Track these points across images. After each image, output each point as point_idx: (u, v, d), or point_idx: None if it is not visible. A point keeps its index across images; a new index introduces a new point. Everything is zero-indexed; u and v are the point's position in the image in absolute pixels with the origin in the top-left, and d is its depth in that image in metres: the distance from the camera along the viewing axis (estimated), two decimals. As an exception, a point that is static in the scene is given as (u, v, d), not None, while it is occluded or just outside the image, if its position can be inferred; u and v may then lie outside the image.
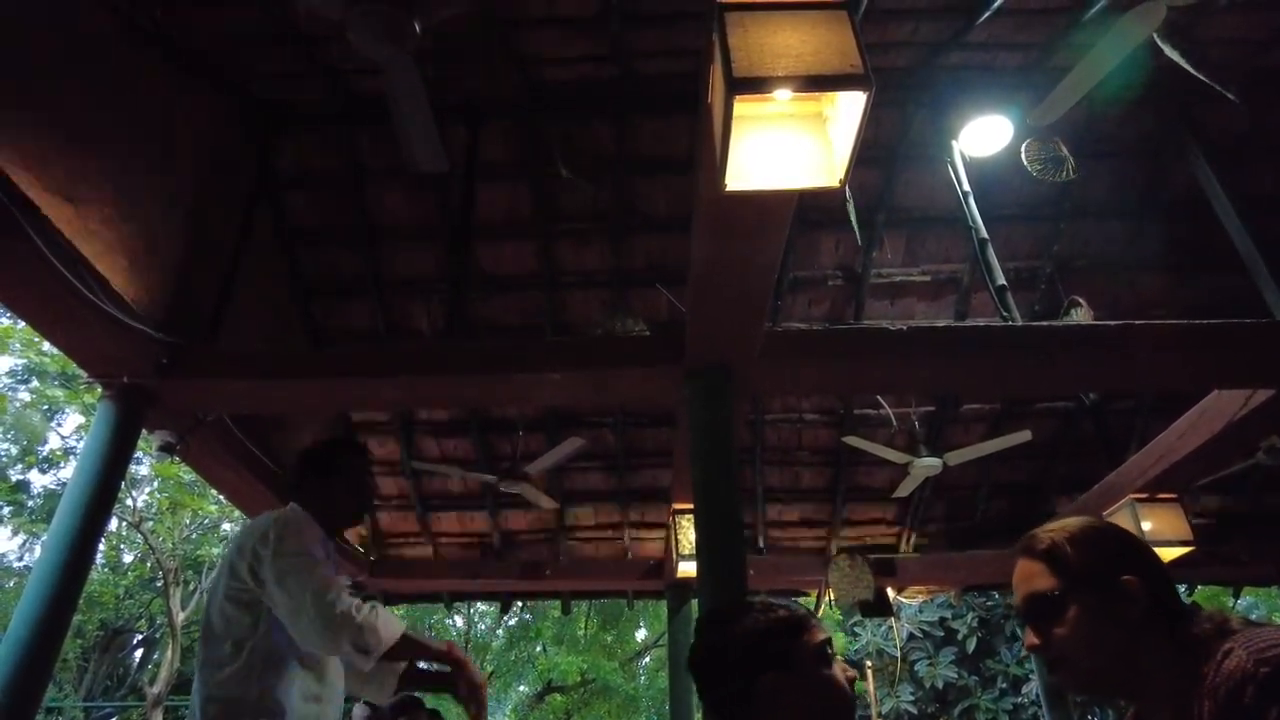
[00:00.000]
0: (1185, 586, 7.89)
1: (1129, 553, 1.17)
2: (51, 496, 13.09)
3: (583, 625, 16.04)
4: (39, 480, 13.65)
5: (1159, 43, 2.89)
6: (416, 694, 3.06)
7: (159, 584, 12.25)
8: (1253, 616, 14.94)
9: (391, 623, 1.93)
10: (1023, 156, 3.84)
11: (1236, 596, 7.04)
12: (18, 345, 11.32)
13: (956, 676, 13.82)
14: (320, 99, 3.93)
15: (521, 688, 17.47)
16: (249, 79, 3.78)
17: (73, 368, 9.90)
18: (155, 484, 12.14)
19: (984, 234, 3.93)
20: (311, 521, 2.08)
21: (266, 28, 3.39)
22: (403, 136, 3.21)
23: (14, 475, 13.18)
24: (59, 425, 13.57)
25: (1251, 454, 4.31)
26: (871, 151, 4.20)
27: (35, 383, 12.48)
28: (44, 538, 3.23)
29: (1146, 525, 4.20)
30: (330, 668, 2.06)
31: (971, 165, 4.10)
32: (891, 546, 6.12)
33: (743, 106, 1.72)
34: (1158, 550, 4.07)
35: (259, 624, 1.93)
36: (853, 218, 3.84)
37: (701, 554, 2.87)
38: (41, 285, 2.73)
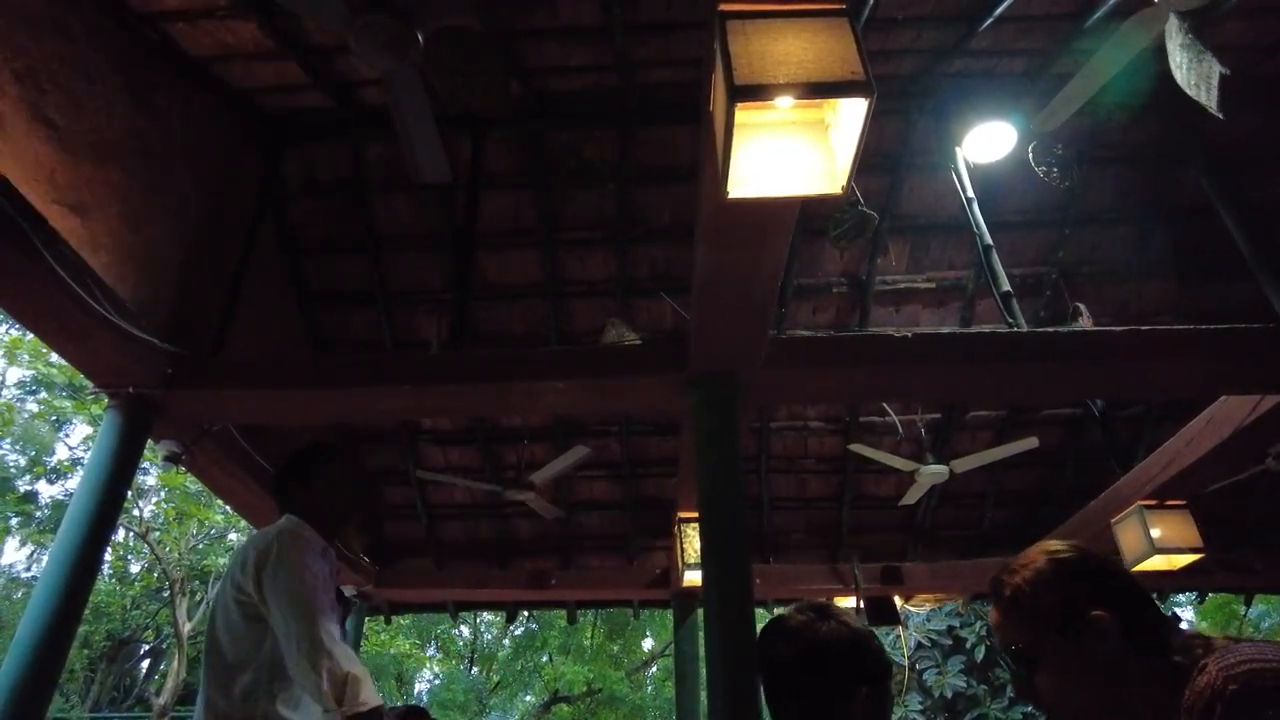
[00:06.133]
0: (1196, 595, 7.81)
1: (1096, 584, 1.12)
2: (60, 507, 13.09)
3: (589, 635, 15.97)
4: (47, 491, 13.67)
5: (1169, 45, 2.87)
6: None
7: (166, 594, 12.22)
8: (1265, 625, 14.75)
9: (372, 690, 1.87)
10: (1030, 159, 3.83)
11: (1248, 604, 6.95)
12: (26, 356, 11.34)
13: (965, 685, 13.69)
14: (325, 110, 3.95)
15: (528, 698, 17.39)
16: (255, 90, 3.81)
17: (80, 378, 9.93)
18: (162, 494, 12.14)
19: (988, 240, 3.92)
20: (310, 532, 2.08)
21: (272, 39, 3.41)
22: (406, 147, 3.22)
23: (22, 486, 13.20)
24: (67, 436, 13.60)
25: (1261, 460, 4.27)
26: (875, 159, 4.20)
27: (43, 394, 12.52)
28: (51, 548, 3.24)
29: (1155, 532, 4.16)
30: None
31: (975, 172, 4.09)
32: (898, 554, 6.09)
33: (744, 114, 1.71)
34: (1168, 557, 3.96)
35: (264, 637, 1.93)
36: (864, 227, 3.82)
37: (707, 563, 2.86)
38: (48, 297, 2.75)
